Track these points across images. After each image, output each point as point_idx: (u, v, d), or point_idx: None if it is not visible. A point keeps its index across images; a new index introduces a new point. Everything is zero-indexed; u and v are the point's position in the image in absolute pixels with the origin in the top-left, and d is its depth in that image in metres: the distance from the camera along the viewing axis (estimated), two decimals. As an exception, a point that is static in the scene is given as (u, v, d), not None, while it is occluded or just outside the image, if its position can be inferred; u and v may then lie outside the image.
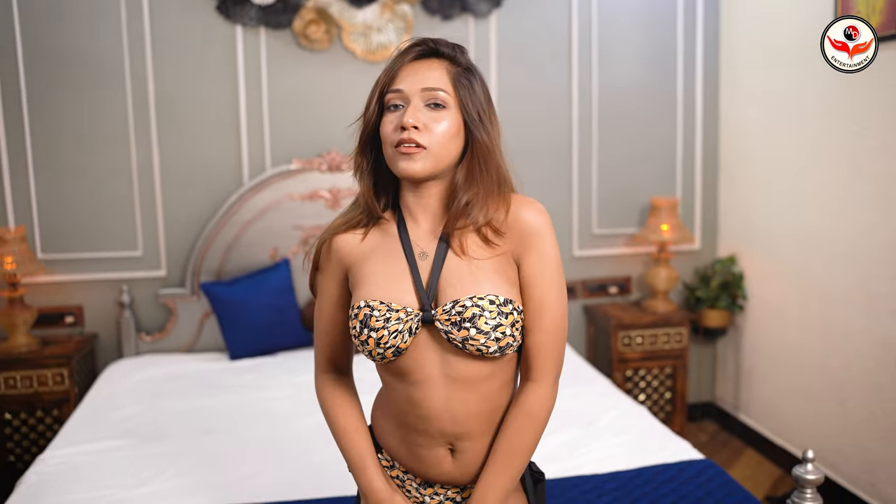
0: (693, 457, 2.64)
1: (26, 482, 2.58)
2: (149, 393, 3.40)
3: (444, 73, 1.48)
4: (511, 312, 1.45)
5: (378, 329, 1.46)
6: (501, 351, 1.45)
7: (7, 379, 3.54)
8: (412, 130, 1.43)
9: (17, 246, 3.57)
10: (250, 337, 3.82)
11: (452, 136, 1.47)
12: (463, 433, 1.53)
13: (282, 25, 3.91)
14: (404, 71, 1.48)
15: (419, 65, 1.48)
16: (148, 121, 3.89)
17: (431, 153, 1.44)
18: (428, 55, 1.50)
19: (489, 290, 1.45)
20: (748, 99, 4.11)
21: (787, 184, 3.81)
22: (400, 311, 1.47)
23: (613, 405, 3.16)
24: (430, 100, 1.46)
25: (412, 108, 1.45)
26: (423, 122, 1.44)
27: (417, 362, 1.50)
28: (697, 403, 4.55)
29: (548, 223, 1.50)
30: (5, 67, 3.74)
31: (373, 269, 1.54)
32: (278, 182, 3.95)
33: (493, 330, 1.43)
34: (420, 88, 1.46)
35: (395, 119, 1.47)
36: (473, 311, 1.43)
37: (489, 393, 1.51)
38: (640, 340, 4.06)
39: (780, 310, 3.92)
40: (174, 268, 3.99)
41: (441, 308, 1.46)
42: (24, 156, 3.80)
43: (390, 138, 1.46)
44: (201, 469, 2.69)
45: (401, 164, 1.45)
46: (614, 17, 4.23)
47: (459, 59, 1.51)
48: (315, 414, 3.14)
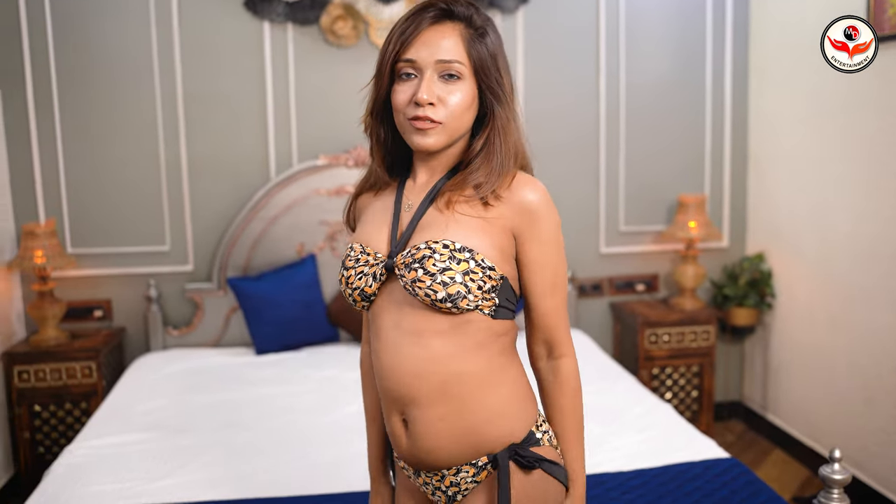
0: (718, 455, 2.62)
1: (54, 473, 2.61)
2: (174, 387, 3.43)
3: (459, 40, 1.42)
4: (467, 261, 1.38)
5: (348, 269, 1.50)
6: (452, 301, 1.38)
7: (37, 371, 3.58)
8: (427, 107, 1.40)
9: (47, 240, 3.61)
10: (276, 332, 3.84)
11: (467, 108, 1.44)
12: (410, 396, 1.45)
13: (309, 21, 3.92)
14: (418, 39, 1.42)
15: (433, 31, 1.42)
16: (176, 116, 3.91)
17: (446, 127, 1.42)
18: (441, 18, 1.44)
19: (455, 237, 1.41)
20: (778, 94, 4.06)
21: (817, 180, 3.76)
22: (371, 255, 1.49)
23: (638, 402, 3.14)
24: (444, 71, 1.41)
25: (426, 81, 1.40)
26: (438, 94, 1.41)
27: (381, 310, 1.49)
28: (724, 402, 4.51)
29: (548, 202, 1.47)
30: (37, 63, 3.78)
31: (366, 219, 1.57)
32: (305, 177, 3.96)
33: (440, 273, 1.37)
34: (434, 61, 1.41)
35: (407, 90, 1.43)
36: (424, 252, 1.39)
37: (441, 354, 1.43)
38: (667, 338, 4.03)
39: (809, 308, 3.88)
40: (201, 263, 4.02)
41: (401, 253, 1.45)
42: (54, 151, 3.84)
43: (403, 110, 1.43)
44: (224, 462, 2.71)
45: (414, 139, 1.43)
46: (642, 10, 4.20)
47: (475, 20, 1.44)
48: (338, 409, 3.16)
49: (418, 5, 1.45)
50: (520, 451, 1.47)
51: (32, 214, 3.85)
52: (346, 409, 3.17)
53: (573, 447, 1.54)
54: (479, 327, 1.44)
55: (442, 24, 1.43)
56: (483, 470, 1.48)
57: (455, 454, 1.47)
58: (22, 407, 3.60)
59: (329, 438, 2.89)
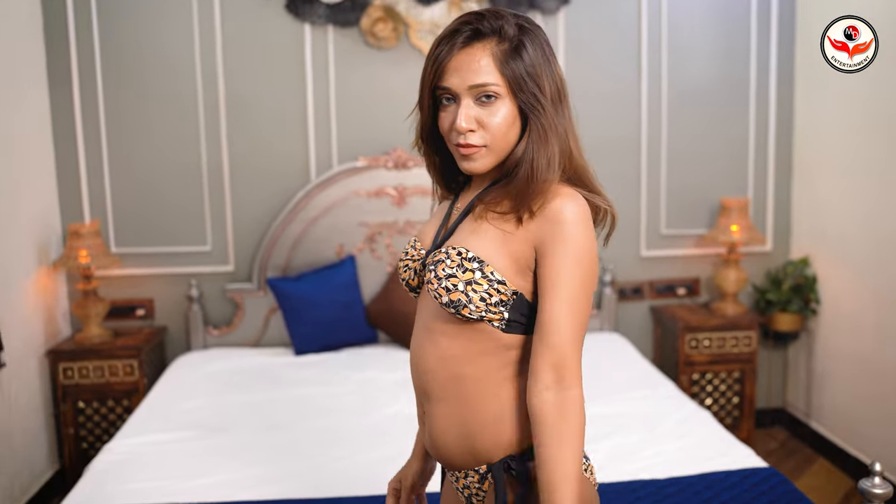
0: (757, 464, 2.58)
1: (93, 470, 2.66)
2: (214, 386, 3.46)
3: (491, 60, 1.39)
4: (473, 271, 1.38)
5: (401, 260, 1.61)
6: (454, 307, 1.39)
7: (80, 369, 3.64)
8: (467, 134, 1.40)
9: (91, 240, 3.67)
10: (315, 332, 3.86)
11: (509, 126, 1.42)
12: (425, 391, 1.52)
13: (349, 23, 3.93)
14: (450, 65, 1.40)
15: (464, 55, 1.40)
16: (218, 118, 3.96)
17: (491, 149, 1.42)
18: (472, 38, 1.41)
19: (467, 245, 1.42)
20: (825, 95, 3.98)
21: (863, 184, 3.69)
22: (417, 249, 1.58)
23: (677, 409, 3.11)
24: (480, 94, 1.40)
25: (463, 108, 1.40)
26: (477, 118, 1.40)
27: (420, 304, 1.56)
28: (767, 409, 4.43)
29: (580, 219, 1.38)
30: (83, 66, 3.85)
31: (431, 217, 1.67)
32: (345, 179, 3.97)
33: (445, 278, 1.39)
34: (467, 86, 1.39)
35: (449, 116, 1.43)
36: (441, 256, 1.43)
37: (449, 354, 1.45)
38: (708, 343, 3.98)
39: (855, 314, 3.80)
40: (242, 263, 4.06)
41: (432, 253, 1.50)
42: (99, 153, 3.91)
43: (449, 137, 1.45)
44: (262, 462, 2.73)
45: (463, 164, 1.45)
46: (685, 12, 4.15)
47: (506, 32, 1.40)
48: (377, 411, 3.17)
49: (450, 26, 1.44)
50: (513, 464, 1.44)
51: (78, 215, 3.92)
52: (385, 410, 3.17)
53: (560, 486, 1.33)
54: (487, 336, 1.43)
55: (472, 45, 1.40)
56: (486, 479, 1.48)
57: (458, 456, 1.50)
58: (67, 403, 3.67)
59: (368, 441, 2.90)
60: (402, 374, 3.56)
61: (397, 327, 3.90)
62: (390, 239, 4.02)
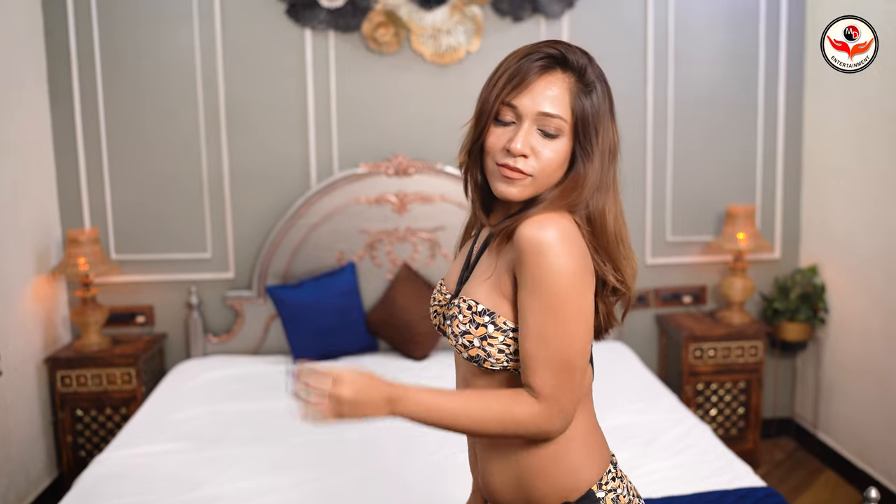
0: (755, 483, 2.52)
1: (81, 483, 2.65)
2: (211, 395, 3.44)
3: (566, 94, 1.36)
4: (485, 325, 1.36)
5: (430, 305, 1.58)
6: (477, 362, 1.37)
7: (78, 376, 3.63)
8: (519, 158, 1.35)
9: (90, 247, 3.66)
10: (314, 340, 3.83)
11: (559, 165, 1.39)
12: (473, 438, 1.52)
13: (350, 28, 3.90)
14: (524, 86, 1.36)
15: (541, 80, 1.36)
16: (218, 124, 3.93)
17: (535, 181, 1.37)
18: (553, 65, 1.38)
19: (477, 294, 1.40)
20: (835, 101, 3.91)
21: (874, 192, 3.61)
22: (444, 294, 1.54)
23: (677, 423, 3.05)
24: (544, 126, 1.36)
25: (524, 132, 1.35)
26: (532, 146, 1.35)
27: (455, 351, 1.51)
28: (774, 419, 4.36)
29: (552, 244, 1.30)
30: (84, 72, 3.84)
31: (459, 254, 1.61)
32: (345, 185, 3.94)
33: (461, 335, 1.37)
34: (537, 112, 1.35)
35: (503, 136, 1.37)
36: (454, 311, 1.40)
37: None
38: (713, 353, 3.91)
39: (864, 324, 3.73)
40: (242, 270, 4.03)
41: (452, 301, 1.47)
42: (99, 159, 3.90)
43: (495, 155, 1.39)
44: (255, 475, 2.71)
45: (499, 186, 1.39)
46: (692, 16, 4.08)
47: (588, 75, 1.38)
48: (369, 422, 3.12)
49: (531, 47, 1.40)
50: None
51: (78, 221, 3.91)
52: (379, 423, 3.12)
53: (449, 400, 1.32)
54: (515, 384, 1.40)
55: (552, 72, 1.37)
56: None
57: (509, 500, 1.46)
58: (65, 411, 3.66)
59: (363, 451, 2.88)
60: (400, 385, 3.53)
61: (398, 335, 3.87)
62: (391, 246, 3.98)
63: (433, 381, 3.58)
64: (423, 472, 2.72)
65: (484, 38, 3.95)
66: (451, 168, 3.96)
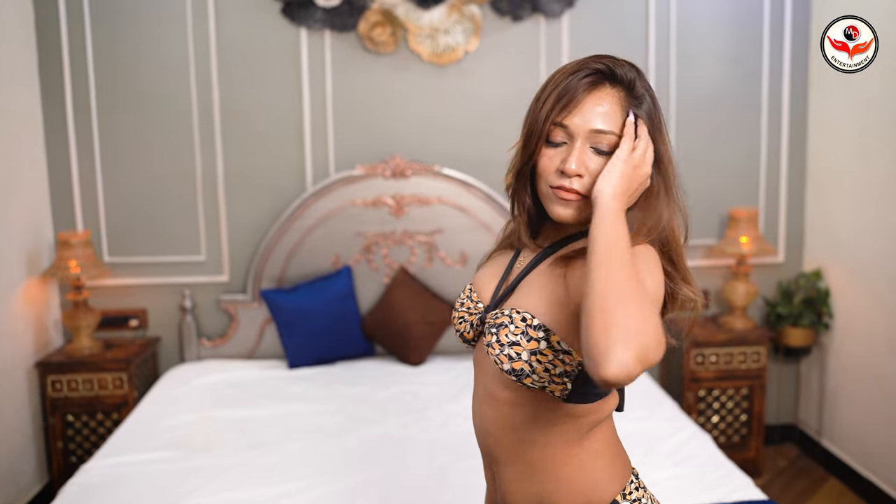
0: (754, 496, 2.47)
1: (65, 494, 2.60)
2: (202, 401, 3.39)
3: (617, 109, 1.33)
4: (538, 340, 1.29)
5: (456, 310, 1.52)
6: (517, 376, 1.30)
7: (69, 381, 3.58)
8: (574, 179, 1.32)
9: (81, 250, 3.60)
10: (309, 345, 3.77)
11: None
12: (493, 454, 1.45)
13: (347, 28, 3.83)
14: (573, 104, 1.33)
15: (590, 97, 1.33)
16: (212, 124, 3.87)
17: (591, 202, 1.32)
18: (602, 80, 1.35)
19: (532, 308, 1.33)
20: (840, 103, 3.83)
21: (879, 195, 3.54)
22: (475, 302, 1.49)
23: (677, 431, 2.99)
24: (597, 143, 1.33)
25: (577, 151, 1.32)
26: (586, 166, 1.32)
27: (477, 360, 1.49)
28: (778, 425, 4.29)
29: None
30: (76, 74, 3.79)
31: (487, 264, 1.57)
32: (341, 188, 3.88)
33: (508, 345, 1.30)
34: (589, 130, 1.32)
35: (555, 157, 1.35)
36: (503, 320, 1.33)
37: (514, 421, 1.39)
38: (715, 359, 3.84)
39: (869, 329, 3.65)
40: (236, 273, 3.98)
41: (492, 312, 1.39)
42: (92, 161, 3.84)
43: (548, 178, 1.36)
44: (244, 485, 2.66)
45: (555, 209, 1.36)
46: (694, 16, 4.00)
47: (637, 88, 1.36)
48: (364, 430, 3.09)
49: (577, 64, 1.35)
50: None
51: (70, 223, 3.86)
52: (372, 431, 3.09)
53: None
54: (551, 405, 1.36)
55: (601, 88, 1.34)
56: None
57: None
58: (55, 416, 3.60)
59: (353, 461, 2.82)
60: (395, 391, 3.49)
61: (394, 340, 3.81)
62: (388, 249, 3.92)
63: (430, 386, 3.54)
64: (417, 482, 2.67)
65: (482, 38, 3.88)
66: (448, 170, 3.90)
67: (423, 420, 3.18)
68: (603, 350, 1.08)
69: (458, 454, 2.83)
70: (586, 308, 1.13)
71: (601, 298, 1.12)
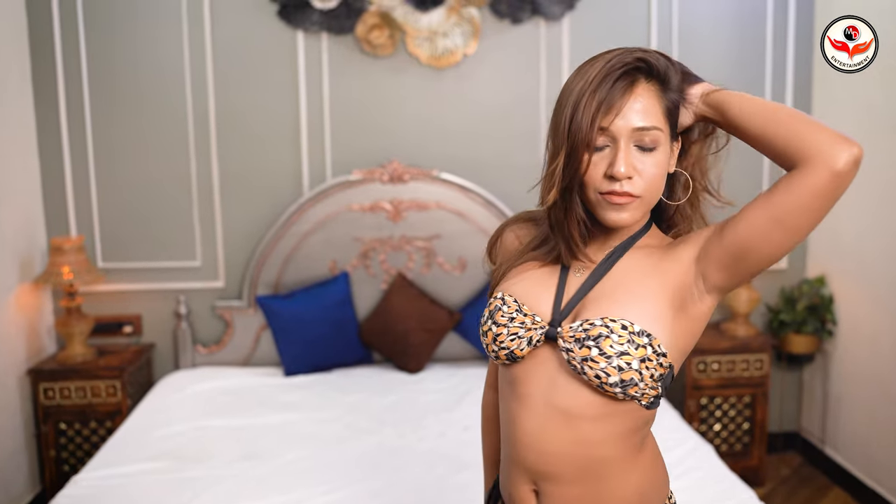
0: (759, 511, 2.41)
1: (55, 506, 2.53)
2: (197, 409, 3.33)
3: (656, 103, 1.30)
4: (645, 346, 1.27)
5: (500, 325, 1.38)
6: (623, 388, 1.26)
7: (62, 389, 3.53)
8: (625, 181, 1.28)
9: (74, 256, 3.55)
10: (306, 352, 3.72)
11: (662, 177, 1.33)
12: (548, 472, 1.36)
13: (344, 31, 3.78)
14: (612, 105, 1.28)
15: (628, 95, 1.29)
16: (208, 128, 3.82)
17: (643, 201, 1.31)
18: (636, 75, 1.30)
19: (627, 314, 1.29)
20: (844, 107, 3.78)
21: (883, 201, 3.49)
22: (528, 315, 1.37)
23: (679, 443, 2.94)
24: (640, 141, 1.29)
25: (623, 153, 1.28)
26: (635, 166, 1.29)
27: (527, 375, 1.37)
28: (780, 433, 4.23)
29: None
30: (70, 77, 3.74)
31: (524, 273, 1.44)
32: (338, 193, 3.83)
33: (616, 356, 1.26)
34: (632, 129, 1.28)
35: (600, 163, 1.30)
36: (601, 330, 1.28)
37: (590, 439, 1.33)
38: (717, 367, 3.79)
39: (874, 336, 3.60)
40: (232, 279, 3.92)
41: (569, 325, 1.32)
42: (86, 166, 3.79)
43: (598, 185, 1.30)
44: (237, 496, 2.61)
45: (610, 215, 1.31)
46: (696, 18, 3.95)
47: (670, 77, 1.32)
48: (360, 439, 3.03)
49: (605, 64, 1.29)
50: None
51: (64, 229, 3.81)
52: (370, 439, 3.04)
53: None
54: (632, 415, 1.33)
55: (637, 83, 1.30)
56: None
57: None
58: (48, 424, 3.55)
59: (349, 472, 2.77)
60: (393, 398, 3.43)
61: (392, 346, 3.76)
62: (385, 255, 3.87)
63: (429, 394, 3.48)
64: (415, 493, 2.62)
65: (481, 41, 3.83)
66: (447, 175, 3.85)
67: (421, 429, 3.13)
68: (828, 141, 1.20)
69: (457, 464, 2.78)
70: (782, 125, 1.25)
71: (796, 114, 1.25)
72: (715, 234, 1.33)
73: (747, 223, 1.29)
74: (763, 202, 1.29)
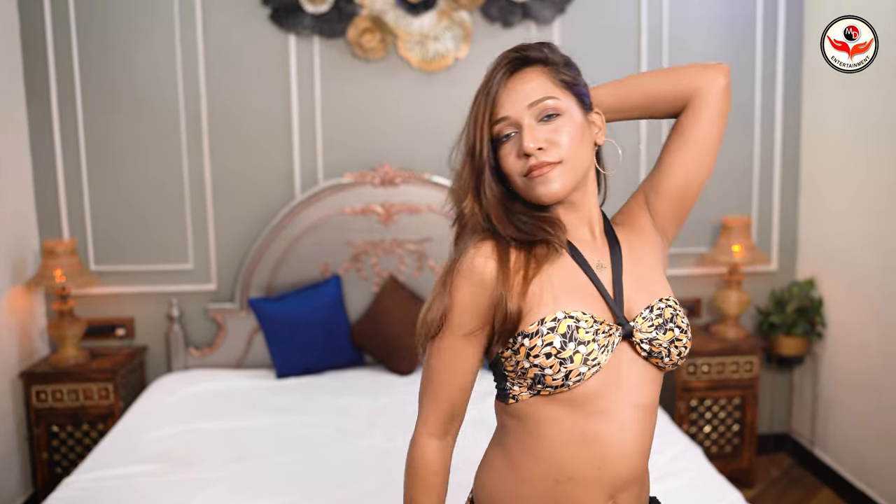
0: (746, 513, 2.42)
1: (45, 510, 2.54)
2: (188, 412, 3.34)
3: (546, 80, 1.34)
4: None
5: (587, 343, 1.27)
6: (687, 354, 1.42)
7: (54, 392, 3.54)
8: (537, 153, 1.30)
9: (66, 259, 3.56)
10: (297, 355, 3.73)
11: (580, 139, 1.34)
12: (628, 478, 1.34)
13: (336, 34, 3.80)
14: (502, 95, 1.33)
15: (514, 82, 1.34)
16: (200, 131, 3.84)
17: (567, 165, 1.32)
18: (518, 67, 1.36)
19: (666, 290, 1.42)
20: (834, 110, 3.80)
21: (873, 203, 3.51)
22: (603, 323, 1.30)
23: (667, 446, 2.94)
24: (542, 113, 1.32)
25: (527, 129, 1.31)
26: (544, 138, 1.30)
27: (602, 387, 1.30)
28: (770, 435, 4.25)
29: None
30: (62, 80, 3.75)
31: (546, 284, 1.31)
32: (330, 196, 3.84)
33: (687, 327, 1.37)
34: (526, 106, 1.31)
35: (513, 149, 1.33)
36: (670, 311, 1.35)
37: (652, 426, 1.39)
38: (707, 369, 3.80)
39: (863, 338, 3.62)
40: (224, 282, 3.94)
41: (640, 316, 1.34)
42: (78, 168, 3.80)
43: (517, 170, 1.33)
44: (228, 498, 2.61)
45: (539, 191, 1.32)
46: (687, 23, 3.97)
47: (553, 58, 1.37)
48: (351, 441, 3.04)
49: (491, 66, 1.36)
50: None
51: (56, 231, 3.82)
52: (359, 442, 3.04)
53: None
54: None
55: (519, 71, 1.36)
56: None
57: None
58: (40, 427, 3.56)
59: (340, 475, 2.77)
60: (382, 401, 3.44)
61: (383, 349, 3.77)
62: (377, 258, 3.88)
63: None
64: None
65: (473, 45, 3.85)
66: (438, 178, 3.86)
67: (411, 432, 3.13)
68: (703, 73, 1.48)
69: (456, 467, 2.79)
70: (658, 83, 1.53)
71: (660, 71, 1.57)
72: (651, 194, 1.47)
73: (679, 164, 1.44)
74: (678, 143, 1.44)
